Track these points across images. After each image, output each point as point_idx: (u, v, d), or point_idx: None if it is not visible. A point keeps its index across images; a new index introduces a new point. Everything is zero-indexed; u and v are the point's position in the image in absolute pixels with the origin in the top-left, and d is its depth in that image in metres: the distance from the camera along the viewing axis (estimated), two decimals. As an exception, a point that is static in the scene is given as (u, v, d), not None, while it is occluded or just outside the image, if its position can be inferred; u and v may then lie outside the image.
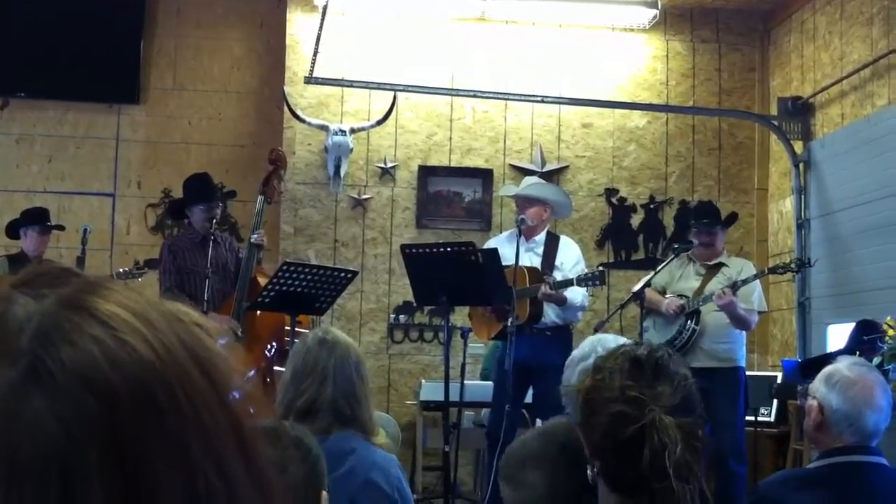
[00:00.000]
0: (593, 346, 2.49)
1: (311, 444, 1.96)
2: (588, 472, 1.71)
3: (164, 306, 0.57)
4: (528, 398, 5.58)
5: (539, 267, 5.58)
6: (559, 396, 2.57)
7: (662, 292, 5.70)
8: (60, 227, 6.52)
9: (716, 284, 5.50)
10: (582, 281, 5.35)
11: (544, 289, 5.34)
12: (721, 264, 5.63)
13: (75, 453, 0.49)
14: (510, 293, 4.98)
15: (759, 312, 5.69)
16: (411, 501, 2.70)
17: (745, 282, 5.37)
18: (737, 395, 5.39)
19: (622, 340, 2.50)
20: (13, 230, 6.29)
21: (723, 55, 7.78)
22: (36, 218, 6.24)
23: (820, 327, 6.64)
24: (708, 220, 5.71)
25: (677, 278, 5.69)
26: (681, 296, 5.58)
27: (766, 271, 5.63)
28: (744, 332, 5.64)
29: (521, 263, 5.28)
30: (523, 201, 5.71)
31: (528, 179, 6.19)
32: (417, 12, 7.43)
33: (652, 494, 1.55)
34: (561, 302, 5.46)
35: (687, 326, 5.46)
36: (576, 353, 2.55)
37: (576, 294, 5.52)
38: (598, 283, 5.39)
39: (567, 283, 5.37)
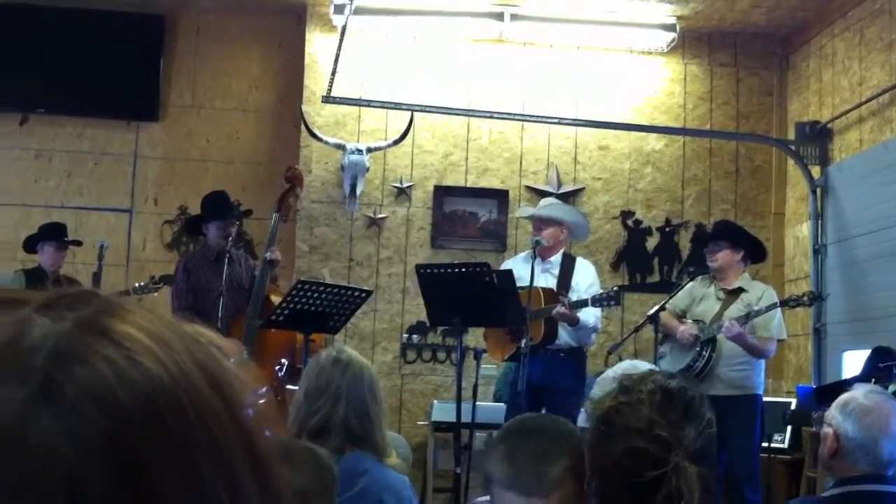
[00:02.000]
0: (627, 370, 2.48)
1: (325, 463, 1.96)
2: (586, 486, 1.68)
3: (180, 327, 0.57)
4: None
5: (554, 288, 5.57)
6: (572, 417, 2.56)
7: (682, 315, 5.67)
8: (77, 243, 6.56)
9: (735, 311, 5.45)
10: (597, 301, 5.33)
11: (559, 308, 5.33)
12: (741, 289, 5.59)
13: (83, 470, 0.50)
14: (524, 314, 4.96)
15: (779, 340, 5.61)
16: (422, 523, 2.69)
17: (757, 313, 5.33)
18: (753, 423, 5.35)
19: (657, 369, 2.51)
20: (31, 245, 6.33)
21: (741, 79, 7.78)
22: (53, 233, 6.28)
23: (835, 354, 6.60)
24: (714, 238, 5.71)
25: (697, 301, 5.65)
26: (698, 321, 5.53)
27: (779, 304, 5.60)
28: (762, 360, 5.57)
29: (536, 284, 5.28)
30: (539, 222, 5.71)
31: (546, 201, 6.19)
32: (435, 33, 7.47)
33: None
34: (574, 322, 5.44)
35: (702, 354, 5.41)
36: (609, 372, 2.54)
37: (588, 315, 5.50)
38: (613, 303, 5.36)
39: (582, 303, 5.36)
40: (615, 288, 5.54)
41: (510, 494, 1.76)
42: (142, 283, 6.44)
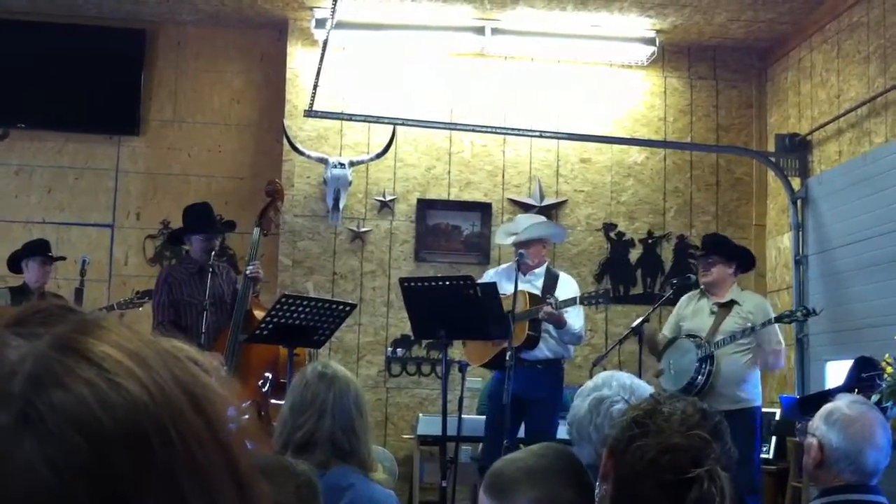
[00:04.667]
0: (606, 380, 2.49)
1: (306, 478, 1.95)
2: (596, 492, 1.69)
3: (159, 344, 0.57)
4: (521, 432, 5.55)
5: (539, 295, 5.60)
6: (551, 428, 2.56)
7: (677, 328, 5.70)
8: (62, 258, 6.52)
9: (731, 324, 5.48)
10: (586, 299, 5.36)
11: (547, 307, 5.35)
12: (733, 302, 5.61)
13: (67, 496, 0.49)
14: (508, 323, 4.97)
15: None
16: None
17: (764, 325, 5.41)
18: (753, 435, 5.44)
19: (636, 379, 2.52)
20: (15, 262, 6.28)
21: (720, 92, 7.83)
22: (37, 249, 6.24)
23: (818, 364, 6.63)
24: (703, 252, 5.75)
25: (689, 317, 5.67)
26: (693, 336, 5.54)
27: (773, 320, 5.66)
28: (758, 372, 5.63)
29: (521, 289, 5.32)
30: (521, 244, 5.70)
31: (521, 220, 6.15)
32: (417, 47, 7.49)
33: None
34: (561, 323, 5.45)
35: (702, 370, 5.44)
36: (588, 384, 2.54)
37: (574, 321, 5.53)
38: (602, 301, 5.39)
39: (571, 301, 5.38)
40: (606, 286, 5.56)
41: (483, 498, 1.76)
42: (125, 299, 6.40)
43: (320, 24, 7.13)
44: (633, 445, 1.61)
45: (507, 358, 4.99)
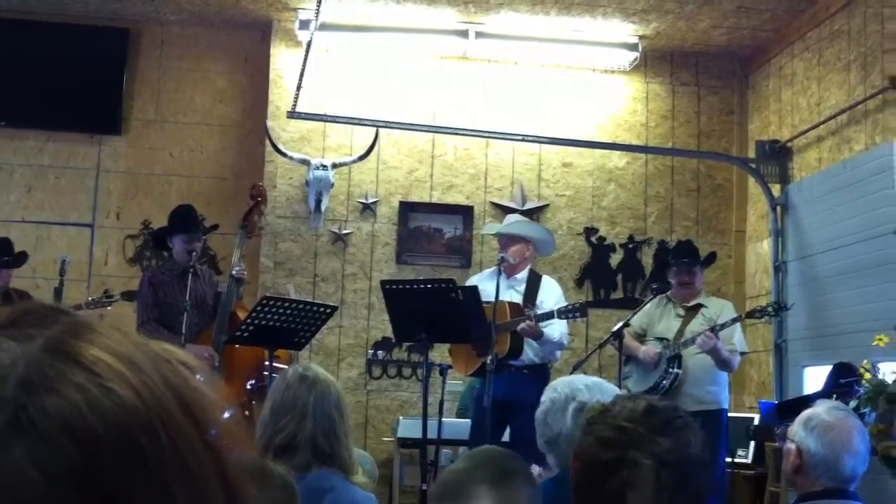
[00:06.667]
0: (573, 386, 2.47)
1: (285, 481, 1.95)
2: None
3: (149, 347, 0.57)
4: (506, 436, 5.56)
5: (520, 303, 5.58)
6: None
7: (643, 334, 5.72)
8: (22, 258, 6.22)
9: (696, 326, 5.53)
10: (563, 313, 5.35)
11: (523, 325, 5.34)
12: (700, 305, 5.67)
13: (56, 501, 0.49)
14: (490, 329, 4.97)
15: (742, 353, 5.72)
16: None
17: (723, 326, 5.40)
18: (718, 437, 5.42)
19: (591, 381, 2.51)
20: None
21: (702, 98, 7.88)
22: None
23: (797, 369, 6.67)
24: (688, 259, 5.75)
25: (657, 320, 5.72)
26: (661, 339, 5.59)
27: (744, 316, 5.68)
28: (726, 374, 5.66)
29: (502, 299, 5.29)
30: (506, 239, 5.72)
31: (511, 217, 6.21)
32: (400, 50, 7.49)
33: None
34: (537, 336, 5.45)
35: (669, 371, 5.47)
36: (553, 397, 2.49)
37: (553, 330, 5.52)
38: (579, 315, 5.37)
39: (548, 315, 5.38)
40: (581, 301, 5.56)
41: None
42: (95, 297, 6.32)
43: (304, 25, 7.12)
44: (585, 445, 1.73)
45: (489, 362, 4.99)
